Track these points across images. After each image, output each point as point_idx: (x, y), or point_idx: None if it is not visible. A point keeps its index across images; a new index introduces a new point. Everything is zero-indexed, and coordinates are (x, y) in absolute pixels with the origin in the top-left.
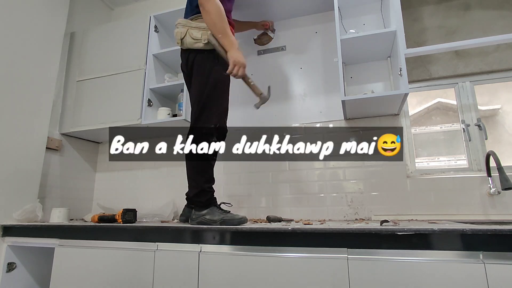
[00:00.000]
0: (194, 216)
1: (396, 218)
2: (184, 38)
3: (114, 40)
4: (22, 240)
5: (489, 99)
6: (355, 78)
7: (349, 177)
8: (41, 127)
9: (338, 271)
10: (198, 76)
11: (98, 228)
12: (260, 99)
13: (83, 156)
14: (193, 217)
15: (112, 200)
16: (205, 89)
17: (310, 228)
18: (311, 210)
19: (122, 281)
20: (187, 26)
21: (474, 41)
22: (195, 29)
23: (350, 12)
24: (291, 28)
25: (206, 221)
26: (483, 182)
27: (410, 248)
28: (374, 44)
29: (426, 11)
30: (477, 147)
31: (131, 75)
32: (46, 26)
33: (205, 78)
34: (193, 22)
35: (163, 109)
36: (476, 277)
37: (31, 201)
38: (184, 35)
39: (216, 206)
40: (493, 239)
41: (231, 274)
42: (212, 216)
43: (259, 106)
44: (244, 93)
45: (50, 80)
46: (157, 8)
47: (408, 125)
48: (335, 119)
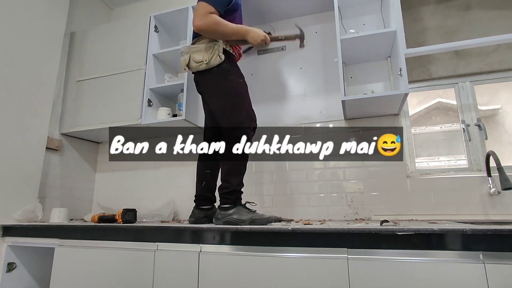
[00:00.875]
0: (220, 216)
1: (396, 218)
2: (189, 64)
3: (114, 40)
4: (22, 240)
5: (489, 99)
6: (355, 78)
7: (349, 177)
8: (41, 127)
9: (338, 271)
10: (215, 94)
11: (98, 228)
12: (299, 39)
13: (83, 156)
14: (218, 216)
15: (112, 200)
16: (227, 100)
17: (310, 228)
18: (311, 210)
19: (122, 281)
20: (189, 52)
21: (474, 41)
22: (197, 53)
23: (350, 12)
24: (291, 28)
25: (234, 221)
26: (483, 182)
27: (410, 248)
28: (374, 44)
29: (426, 11)
30: (477, 147)
31: (131, 75)
32: (46, 26)
33: (222, 92)
34: (194, 46)
35: (163, 109)
36: (476, 277)
37: (31, 201)
38: (188, 61)
39: (242, 206)
40: (493, 239)
41: (231, 274)
42: (240, 216)
43: (303, 45)
44: None
45: (50, 80)
46: (157, 8)
47: (408, 125)
48: (335, 119)
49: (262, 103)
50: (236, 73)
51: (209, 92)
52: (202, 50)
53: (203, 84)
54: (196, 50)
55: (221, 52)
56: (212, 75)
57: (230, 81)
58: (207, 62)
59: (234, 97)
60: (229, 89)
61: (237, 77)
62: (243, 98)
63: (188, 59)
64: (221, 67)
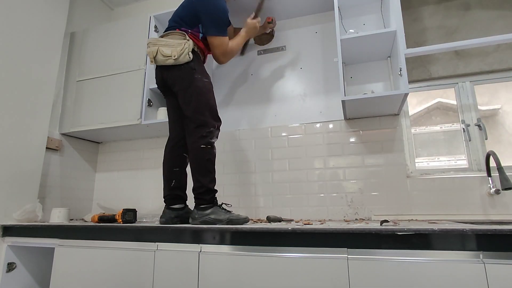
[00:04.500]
0: (197, 216)
1: (396, 218)
2: (156, 56)
3: (114, 40)
4: (22, 240)
5: (489, 99)
6: (355, 78)
7: (349, 177)
8: (41, 127)
9: (338, 271)
10: (182, 89)
11: (98, 228)
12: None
13: (83, 156)
14: (195, 216)
15: (112, 200)
16: (194, 98)
17: (310, 228)
18: (311, 210)
19: (122, 281)
20: (157, 44)
21: (474, 41)
22: (165, 47)
23: (350, 12)
24: (291, 28)
25: (211, 221)
26: (483, 182)
27: (410, 248)
28: (374, 44)
29: (426, 11)
30: (477, 147)
31: (131, 75)
32: (46, 26)
33: (189, 89)
34: (163, 40)
35: (163, 109)
36: (476, 277)
37: (31, 201)
38: (156, 54)
39: (218, 206)
40: (493, 239)
41: (231, 274)
42: (218, 216)
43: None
44: (246, 95)
45: (50, 80)
46: (157, 8)
47: (408, 125)
48: (335, 119)
49: (262, 103)
50: (201, 73)
51: (178, 88)
52: (171, 45)
53: (170, 80)
54: (164, 44)
55: (190, 51)
56: (180, 72)
57: (196, 79)
58: (175, 57)
59: (200, 95)
60: (194, 87)
61: (203, 76)
62: (209, 97)
63: (155, 51)
64: (188, 65)
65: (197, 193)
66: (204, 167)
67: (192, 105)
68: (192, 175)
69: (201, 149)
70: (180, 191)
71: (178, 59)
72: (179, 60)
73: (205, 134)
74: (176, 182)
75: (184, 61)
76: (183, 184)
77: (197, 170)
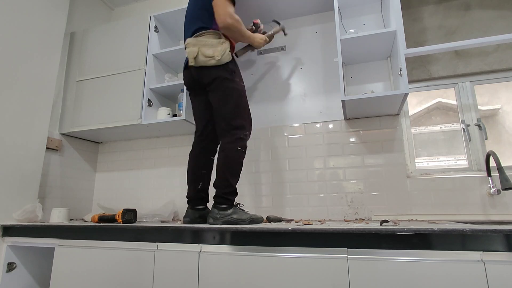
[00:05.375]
0: (218, 216)
1: (396, 218)
2: (197, 57)
3: (114, 40)
4: (22, 240)
5: (489, 99)
6: (355, 78)
7: (349, 177)
8: (41, 127)
9: (338, 271)
10: (220, 91)
11: (98, 228)
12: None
13: (83, 156)
14: (217, 216)
15: (112, 200)
16: (233, 101)
17: (310, 228)
18: (311, 210)
19: (122, 281)
20: (197, 45)
21: (474, 41)
22: (205, 47)
23: (350, 12)
24: (291, 28)
25: (234, 221)
26: (483, 182)
27: (410, 248)
28: (374, 44)
29: (426, 11)
30: (477, 147)
31: (131, 75)
32: (46, 26)
33: (229, 92)
34: (203, 40)
35: (163, 109)
36: (476, 277)
37: (31, 201)
38: (196, 54)
39: (236, 207)
40: (492, 239)
41: (231, 274)
42: (240, 216)
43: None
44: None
45: (50, 80)
46: (157, 8)
47: (408, 125)
48: (335, 119)
49: (262, 103)
50: (239, 76)
51: (215, 87)
52: (212, 45)
53: (207, 78)
54: (204, 43)
55: (229, 51)
56: (220, 72)
57: (236, 82)
58: (218, 58)
59: (239, 98)
60: (235, 90)
61: (241, 80)
62: (246, 101)
63: (196, 52)
64: (229, 66)
65: (223, 193)
66: (236, 169)
67: (230, 106)
68: (220, 175)
69: (237, 151)
70: (204, 193)
71: (221, 59)
72: (221, 60)
73: (242, 137)
74: (203, 184)
75: (226, 61)
76: (207, 186)
77: (229, 170)
